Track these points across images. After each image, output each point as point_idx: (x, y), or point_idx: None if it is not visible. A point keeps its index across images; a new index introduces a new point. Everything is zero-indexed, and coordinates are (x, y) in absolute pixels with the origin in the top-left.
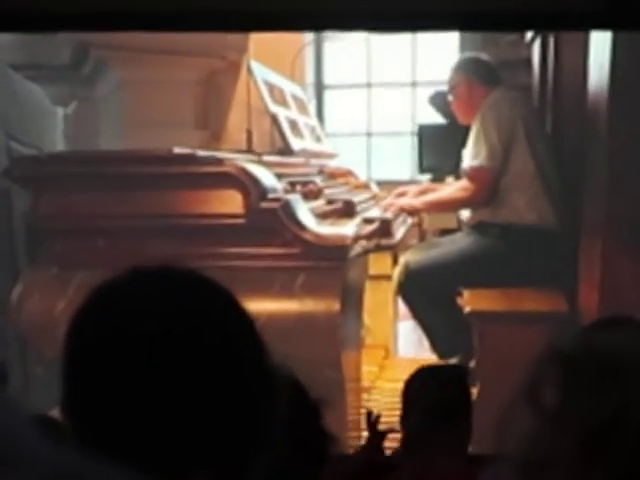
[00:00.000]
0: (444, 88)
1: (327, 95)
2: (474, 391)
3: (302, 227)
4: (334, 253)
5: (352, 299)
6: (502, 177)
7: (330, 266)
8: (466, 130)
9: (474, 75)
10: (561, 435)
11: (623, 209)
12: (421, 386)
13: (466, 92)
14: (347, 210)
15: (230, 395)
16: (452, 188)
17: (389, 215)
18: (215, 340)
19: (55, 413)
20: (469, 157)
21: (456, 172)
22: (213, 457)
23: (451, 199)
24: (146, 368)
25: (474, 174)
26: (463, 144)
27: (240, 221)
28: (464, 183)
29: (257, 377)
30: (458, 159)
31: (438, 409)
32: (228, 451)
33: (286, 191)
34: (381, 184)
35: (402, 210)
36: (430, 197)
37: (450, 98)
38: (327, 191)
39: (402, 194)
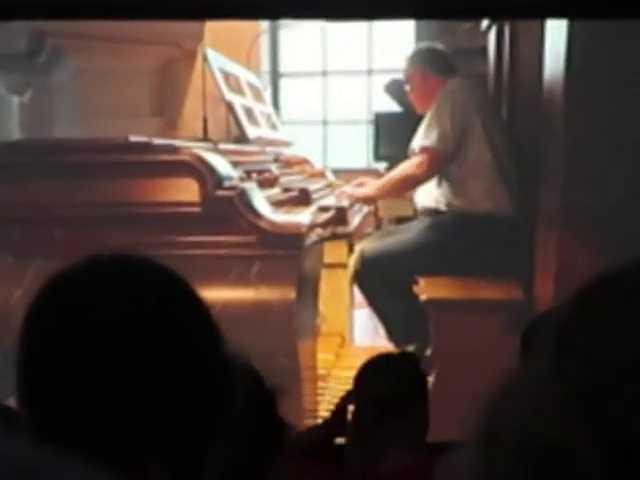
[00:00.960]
0: (400, 76)
1: (283, 83)
2: (430, 379)
3: (258, 215)
4: (290, 241)
5: (308, 287)
6: (458, 166)
7: (286, 254)
8: (422, 118)
9: (429, 65)
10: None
11: (578, 199)
12: (374, 375)
13: (422, 82)
14: (303, 198)
15: (186, 384)
16: (400, 167)
17: (345, 203)
18: (171, 329)
19: (11, 402)
20: (420, 137)
21: None
22: (169, 447)
23: (400, 176)
24: (102, 358)
25: (422, 152)
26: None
27: (196, 209)
28: (412, 160)
29: (214, 366)
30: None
31: (392, 399)
32: (184, 440)
33: (242, 179)
34: (337, 172)
35: (357, 201)
36: (379, 181)
37: (407, 89)
38: (283, 179)
39: (361, 185)
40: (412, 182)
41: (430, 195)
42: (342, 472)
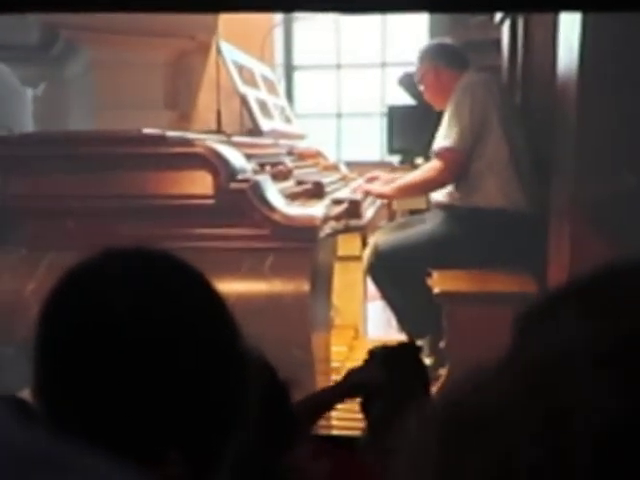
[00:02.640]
0: (413, 69)
1: (297, 76)
2: (443, 372)
3: (271, 208)
4: (303, 234)
5: (321, 280)
6: (474, 162)
7: (299, 247)
8: (438, 113)
9: (441, 61)
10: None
11: (591, 191)
12: (378, 367)
13: (435, 79)
14: (316, 191)
15: (205, 376)
16: (421, 170)
17: (358, 196)
18: (190, 322)
19: (25, 394)
20: (441, 138)
21: (426, 153)
22: (189, 439)
23: (421, 180)
24: (119, 351)
25: (443, 154)
26: (432, 125)
27: (209, 202)
28: (433, 163)
29: (231, 359)
30: (427, 140)
31: (397, 391)
32: (204, 433)
33: (255, 172)
34: (350, 165)
35: (374, 197)
36: (399, 182)
37: (421, 88)
38: (296, 172)
39: (373, 179)
40: (433, 186)
41: (445, 190)
42: (357, 460)
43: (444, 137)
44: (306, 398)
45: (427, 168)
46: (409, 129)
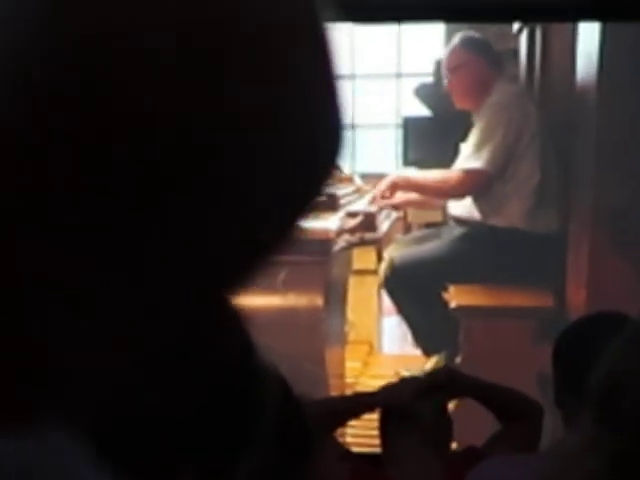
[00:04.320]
0: (429, 80)
1: None
2: None
3: None
4: (317, 247)
5: (336, 294)
6: (502, 184)
7: (313, 261)
8: (454, 125)
9: (485, 56)
10: None
11: (611, 203)
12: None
13: (474, 72)
14: (330, 203)
15: (219, 391)
16: (442, 175)
17: (373, 209)
18: (202, 334)
19: None
20: (469, 156)
21: (442, 166)
22: (202, 455)
23: (438, 186)
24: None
25: (472, 176)
26: (448, 136)
27: None
28: (457, 176)
29: (246, 373)
30: (443, 152)
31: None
32: (217, 449)
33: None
34: (365, 177)
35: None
36: (412, 176)
37: (447, 79)
38: None
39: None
40: (447, 197)
41: (465, 205)
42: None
43: (473, 156)
44: (331, 400)
45: (448, 177)
46: (425, 140)
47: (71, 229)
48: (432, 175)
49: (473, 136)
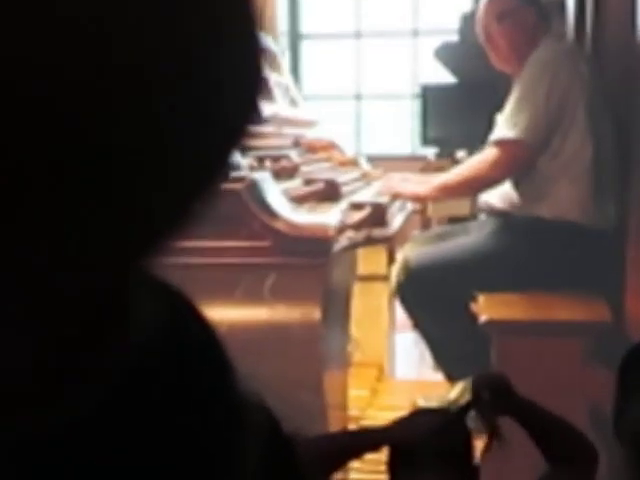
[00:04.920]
0: (453, 39)
1: (305, 47)
2: None
3: (273, 214)
4: (313, 247)
5: (336, 305)
6: (546, 160)
7: (308, 264)
8: (484, 93)
9: (535, 7)
10: None
11: None
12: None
13: (525, 24)
14: (330, 192)
15: (187, 430)
16: (470, 163)
17: (383, 199)
18: (169, 357)
19: None
20: (505, 125)
21: (469, 145)
22: None
23: (471, 177)
24: None
25: (506, 146)
26: (478, 108)
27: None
28: (489, 155)
29: (222, 407)
30: (471, 127)
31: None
32: None
33: (252, 168)
34: (373, 160)
35: (405, 199)
36: (440, 179)
37: (491, 27)
38: (305, 168)
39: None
40: (485, 185)
41: (501, 192)
42: None
43: (508, 124)
44: (329, 437)
45: (480, 161)
46: (448, 114)
47: None
48: (460, 169)
49: (510, 102)
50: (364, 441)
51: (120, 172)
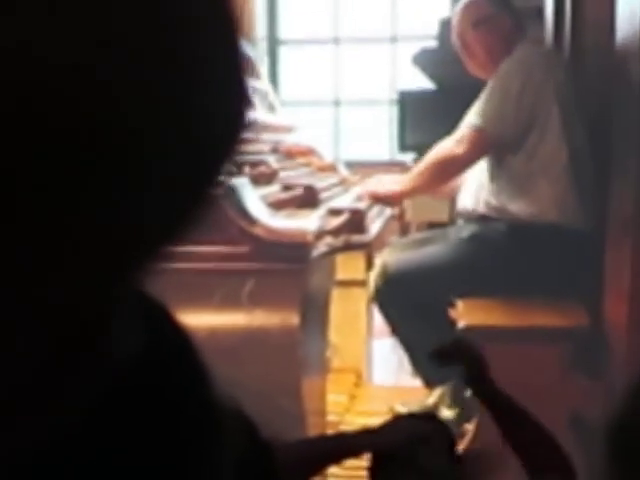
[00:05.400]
0: (432, 44)
1: (283, 53)
2: (470, 427)
3: (251, 220)
4: (291, 253)
5: (315, 311)
6: (525, 161)
7: (286, 269)
8: (464, 99)
9: (509, 13)
10: None
11: None
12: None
13: (500, 31)
14: (308, 198)
15: (168, 441)
16: (438, 148)
17: (362, 205)
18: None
19: None
20: (473, 113)
21: None
22: None
23: (438, 160)
24: None
25: (471, 133)
26: (456, 114)
27: None
28: (456, 139)
29: (197, 414)
30: (449, 134)
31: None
32: None
33: (230, 174)
34: (351, 165)
35: (383, 201)
36: (411, 173)
37: (467, 34)
38: (283, 174)
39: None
40: (453, 166)
41: (478, 195)
42: None
43: (476, 113)
44: (307, 443)
45: (445, 145)
46: (426, 119)
47: None
48: (427, 157)
49: (482, 95)
50: (345, 446)
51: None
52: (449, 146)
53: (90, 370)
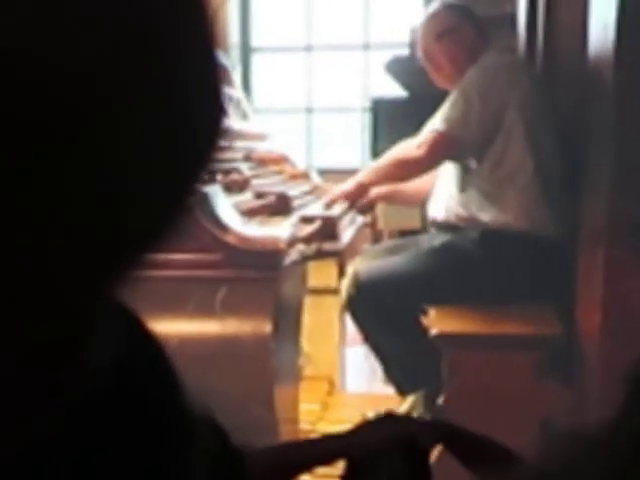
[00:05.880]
0: (404, 52)
1: (256, 60)
2: None
3: (223, 227)
4: (264, 260)
5: (287, 319)
6: (492, 169)
7: (259, 277)
8: (435, 107)
9: (472, 24)
10: None
11: (631, 208)
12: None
13: (464, 42)
14: (281, 206)
15: (140, 450)
16: (395, 150)
17: (334, 212)
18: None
19: None
20: (438, 119)
21: None
22: None
23: (396, 161)
24: None
25: (436, 137)
26: (428, 121)
27: None
28: (420, 141)
29: (169, 421)
30: None
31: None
32: None
33: (203, 181)
34: (324, 173)
35: (346, 198)
36: (371, 165)
37: (430, 46)
38: (255, 182)
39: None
40: (413, 167)
41: (448, 206)
42: None
43: (441, 118)
44: (280, 450)
45: (409, 145)
46: (399, 127)
47: None
48: (385, 156)
49: (447, 101)
50: (317, 453)
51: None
52: (411, 147)
53: (68, 377)
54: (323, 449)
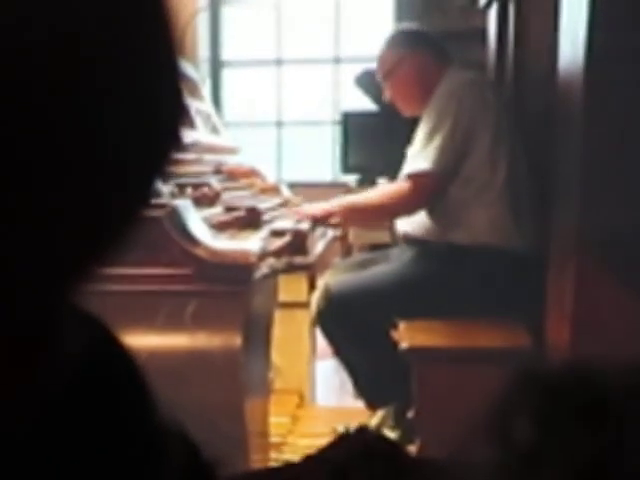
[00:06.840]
0: (374, 65)
1: (226, 74)
2: (412, 448)
3: (193, 241)
4: (234, 274)
5: (257, 332)
6: (458, 187)
7: (229, 291)
8: (406, 121)
9: (423, 49)
10: (536, 476)
11: (600, 221)
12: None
13: (411, 72)
14: (251, 219)
15: (109, 462)
16: (382, 190)
17: (304, 226)
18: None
19: None
20: (416, 158)
21: (390, 172)
22: None
23: (381, 204)
24: None
25: (419, 180)
26: (398, 136)
27: None
28: (401, 185)
29: (139, 435)
30: (391, 155)
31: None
32: None
33: (173, 195)
34: (294, 187)
35: (314, 219)
36: (350, 199)
37: (387, 87)
38: (225, 195)
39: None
40: (396, 214)
41: (417, 221)
42: None
43: (419, 156)
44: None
45: (392, 190)
46: (369, 141)
47: None
48: (371, 194)
49: (419, 135)
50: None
51: (43, 196)
52: (396, 197)
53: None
54: (297, 472)
